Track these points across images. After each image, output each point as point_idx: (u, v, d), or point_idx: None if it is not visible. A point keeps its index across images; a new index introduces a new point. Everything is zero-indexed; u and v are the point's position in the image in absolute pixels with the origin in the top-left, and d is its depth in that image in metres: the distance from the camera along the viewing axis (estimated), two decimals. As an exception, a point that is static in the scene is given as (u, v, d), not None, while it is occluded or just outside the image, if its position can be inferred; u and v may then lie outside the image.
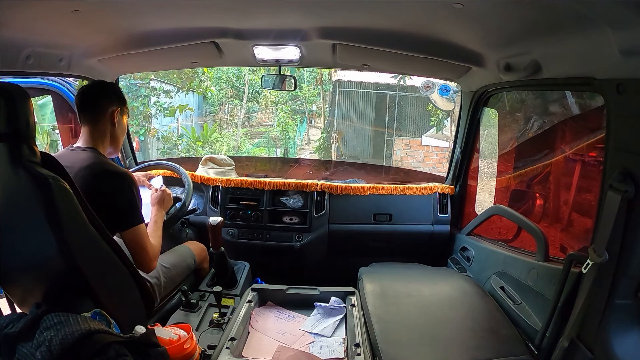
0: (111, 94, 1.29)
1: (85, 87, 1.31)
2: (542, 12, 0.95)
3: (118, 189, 1.16)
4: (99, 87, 1.30)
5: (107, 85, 1.32)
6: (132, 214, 1.17)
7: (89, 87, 1.31)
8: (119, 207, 1.15)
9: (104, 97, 1.27)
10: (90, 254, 0.95)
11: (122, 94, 1.33)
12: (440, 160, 7.99)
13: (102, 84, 1.32)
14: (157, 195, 1.44)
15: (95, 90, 1.29)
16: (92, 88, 1.31)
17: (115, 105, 1.28)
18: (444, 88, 6.45)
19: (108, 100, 1.27)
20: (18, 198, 0.86)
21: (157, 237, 1.30)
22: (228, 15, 1.32)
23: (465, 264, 1.78)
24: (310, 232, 1.94)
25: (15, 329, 0.82)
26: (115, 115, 1.27)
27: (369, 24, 1.34)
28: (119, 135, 1.32)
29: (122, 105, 1.31)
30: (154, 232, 1.31)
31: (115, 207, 1.14)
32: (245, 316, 1.25)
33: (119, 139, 1.32)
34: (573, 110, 1.77)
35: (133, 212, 1.18)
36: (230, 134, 9.01)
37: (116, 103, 1.28)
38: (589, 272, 0.93)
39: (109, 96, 1.28)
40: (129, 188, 1.18)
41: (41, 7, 1.05)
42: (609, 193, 0.89)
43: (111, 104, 1.27)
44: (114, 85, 1.38)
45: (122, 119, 1.31)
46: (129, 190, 1.18)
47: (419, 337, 1.16)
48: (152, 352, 0.87)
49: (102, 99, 1.26)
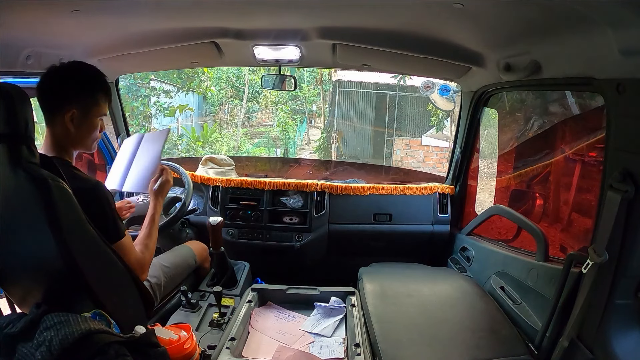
0: (69, 89, 1.01)
1: (45, 76, 1.02)
2: (542, 12, 0.95)
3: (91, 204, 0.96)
4: (52, 82, 1.01)
5: (67, 76, 1.03)
6: (108, 230, 1.00)
7: (46, 76, 1.02)
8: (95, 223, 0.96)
9: (60, 93, 1.01)
10: (89, 254, 0.95)
11: (92, 84, 1.05)
12: (440, 160, 7.99)
13: (62, 73, 1.02)
14: (157, 184, 1.26)
15: (47, 87, 1.01)
16: (49, 77, 1.01)
17: (72, 105, 1.00)
18: (444, 88, 6.45)
19: (65, 98, 1.00)
20: (17, 199, 0.86)
21: (151, 240, 1.16)
22: (228, 15, 1.32)
23: (465, 264, 1.78)
24: (310, 232, 1.94)
25: (15, 329, 0.82)
26: (71, 118, 1.01)
27: (369, 24, 1.34)
28: (83, 138, 1.06)
29: (88, 101, 1.03)
30: (150, 233, 1.17)
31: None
32: (245, 316, 1.25)
33: (83, 141, 1.06)
34: (573, 110, 1.76)
35: (108, 227, 1.00)
36: (230, 134, 9.01)
37: (75, 102, 1.01)
38: (589, 272, 0.93)
39: (62, 94, 1.01)
40: (103, 201, 1.00)
41: (41, 7, 1.05)
42: (609, 193, 0.89)
43: (68, 102, 1.00)
44: (81, 72, 1.06)
45: (85, 119, 1.03)
46: (103, 203, 1.00)
47: (418, 337, 1.16)
48: (152, 352, 0.87)
49: (57, 97, 1.01)
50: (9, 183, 0.83)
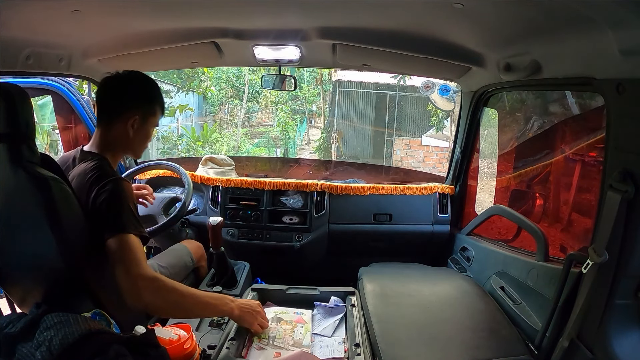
0: (137, 95, 1.11)
1: (108, 81, 1.11)
2: (542, 12, 0.95)
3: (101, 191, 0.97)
4: (122, 84, 1.11)
5: (132, 83, 1.12)
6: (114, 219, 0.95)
7: (111, 82, 1.11)
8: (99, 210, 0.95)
9: (124, 99, 1.09)
10: (90, 254, 0.95)
11: (154, 95, 1.14)
12: (440, 160, 8.00)
13: (126, 80, 1.11)
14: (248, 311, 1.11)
15: (114, 89, 1.10)
16: (113, 84, 1.11)
17: (135, 110, 1.09)
18: (444, 88, 6.45)
19: (128, 104, 1.09)
20: (18, 198, 0.86)
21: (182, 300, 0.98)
22: (228, 15, 1.32)
23: (465, 264, 1.78)
24: (310, 232, 1.94)
25: (15, 329, 0.82)
26: (133, 123, 1.09)
27: (369, 24, 1.34)
28: (137, 144, 1.14)
29: (149, 110, 1.12)
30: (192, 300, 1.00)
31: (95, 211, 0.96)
32: (245, 316, 1.24)
33: (135, 147, 1.14)
34: (573, 110, 1.77)
35: (116, 216, 0.96)
36: (230, 134, 9.02)
37: (137, 108, 1.09)
38: (589, 272, 0.93)
39: (131, 99, 1.10)
40: (114, 191, 0.98)
41: (41, 7, 1.05)
42: (609, 193, 0.89)
43: (131, 109, 1.09)
44: (147, 82, 1.15)
45: (143, 126, 1.11)
46: (113, 193, 0.98)
47: (418, 337, 1.16)
48: (152, 352, 0.87)
49: (121, 102, 1.09)
50: (9, 183, 0.83)
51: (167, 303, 0.96)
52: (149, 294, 0.92)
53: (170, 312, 1.03)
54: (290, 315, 1.25)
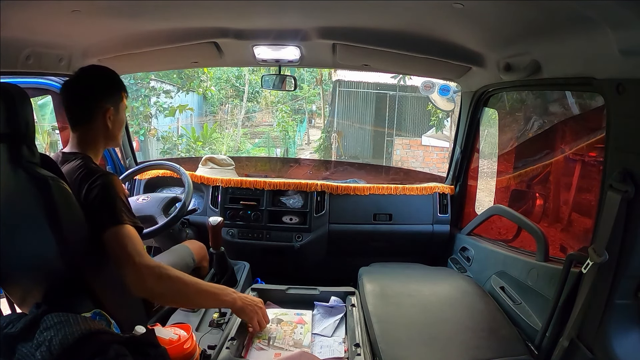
0: (104, 89, 1.09)
1: (71, 83, 1.08)
2: (542, 12, 0.95)
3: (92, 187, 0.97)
4: (88, 83, 1.08)
5: (97, 78, 1.10)
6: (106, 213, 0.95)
7: (75, 83, 1.08)
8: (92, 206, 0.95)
9: (94, 94, 1.07)
10: (89, 254, 0.95)
11: (117, 82, 1.13)
12: (440, 160, 8.00)
13: (90, 78, 1.09)
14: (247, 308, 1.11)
15: (83, 88, 1.07)
16: (79, 84, 1.08)
17: (109, 102, 1.08)
18: (444, 88, 6.46)
19: (99, 99, 1.07)
20: (17, 199, 0.86)
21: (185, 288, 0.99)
22: (228, 15, 1.32)
23: (465, 264, 1.78)
24: (310, 232, 1.94)
25: (15, 329, 0.82)
26: (110, 115, 1.08)
27: (369, 24, 1.34)
28: (116, 133, 1.14)
29: (117, 98, 1.12)
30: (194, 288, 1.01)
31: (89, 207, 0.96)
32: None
33: (116, 136, 1.15)
34: (573, 110, 1.77)
35: (107, 210, 0.96)
36: (230, 134, 9.02)
37: (110, 99, 1.09)
38: (589, 272, 0.93)
39: (101, 93, 1.08)
40: (105, 185, 0.98)
41: (41, 7, 1.05)
42: (609, 193, 0.89)
43: (104, 102, 1.07)
44: (106, 73, 1.13)
45: (118, 115, 1.12)
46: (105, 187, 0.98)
47: (418, 337, 1.16)
48: (152, 352, 0.87)
49: (91, 101, 1.07)
50: (9, 183, 0.83)
51: (170, 290, 0.98)
52: (152, 280, 0.93)
53: (173, 299, 1.03)
54: (290, 316, 1.25)
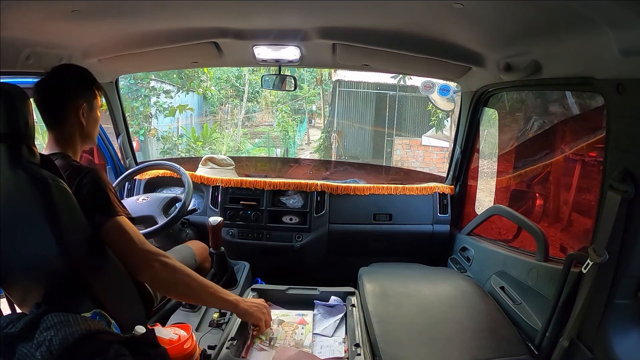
0: (75, 85, 1.08)
1: (42, 83, 1.07)
2: (542, 12, 0.95)
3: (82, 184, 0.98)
4: (58, 82, 1.07)
5: (68, 76, 1.09)
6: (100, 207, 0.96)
7: (45, 83, 1.07)
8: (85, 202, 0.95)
9: (65, 94, 1.06)
10: (89, 254, 0.95)
11: (88, 79, 1.11)
12: (440, 160, 8.00)
13: (61, 76, 1.08)
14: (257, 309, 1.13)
15: (53, 88, 1.06)
16: (49, 84, 1.07)
17: (80, 99, 1.07)
18: (444, 88, 6.45)
19: (71, 96, 1.06)
20: (17, 199, 0.86)
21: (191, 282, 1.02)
22: (228, 15, 1.32)
23: (465, 264, 1.78)
24: (310, 232, 1.94)
25: (15, 329, 0.82)
26: (83, 112, 1.07)
27: (369, 24, 1.34)
28: (91, 131, 1.12)
29: (90, 95, 1.10)
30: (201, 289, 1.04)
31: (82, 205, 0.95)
32: (245, 316, 1.24)
33: (91, 134, 1.13)
34: (573, 110, 1.77)
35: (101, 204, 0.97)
36: (230, 134, 9.02)
37: (81, 97, 1.07)
38: (589, 272, 0.93)
39: (71, 91, 1.07)
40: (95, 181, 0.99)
41: (41, 7, 1.05)
42: (609, 193, 0.89)
43: (75, 99, 1.06)
44: (77, 70, 1.13)
45: (92, 111, 1.11)
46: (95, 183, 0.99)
47: (418, 337, 1.16)
48: (152, 352, 0.87)
49: (63, 98, 1.06)
50: (9, 183, 0.83)
51: (174, 279, 1.01)
52: (158, 265, 0.98)
53: (176, 289, 1.04)
54: (292, 317, 1.25)
